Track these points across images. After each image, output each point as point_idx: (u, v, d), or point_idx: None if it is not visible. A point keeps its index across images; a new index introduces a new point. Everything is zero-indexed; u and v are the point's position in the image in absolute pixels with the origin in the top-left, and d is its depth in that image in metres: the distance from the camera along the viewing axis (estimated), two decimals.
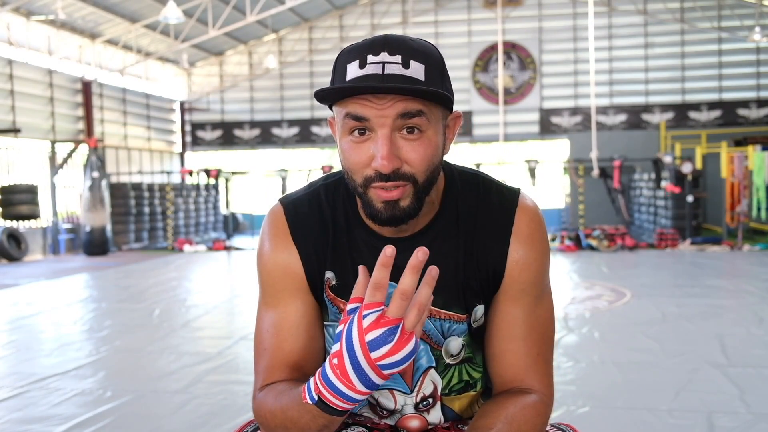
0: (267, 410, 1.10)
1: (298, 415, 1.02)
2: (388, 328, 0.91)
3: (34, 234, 13.37)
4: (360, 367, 0.92)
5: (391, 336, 0.90)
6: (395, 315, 0.91)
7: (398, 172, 1.05)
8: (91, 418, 3.44)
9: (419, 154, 1.06)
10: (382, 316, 0.91)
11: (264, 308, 1.22)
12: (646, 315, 5.85)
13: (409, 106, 1.03)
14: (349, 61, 1.05)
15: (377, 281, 0.92)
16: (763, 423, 3.16)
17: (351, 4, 19.23)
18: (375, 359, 0.91)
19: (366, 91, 1.02)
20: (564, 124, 18.88)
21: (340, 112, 1.08)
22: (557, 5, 18.71)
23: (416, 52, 1.05)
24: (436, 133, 1.08)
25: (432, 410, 1.23)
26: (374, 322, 0.91)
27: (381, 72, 1.02)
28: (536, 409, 1.12)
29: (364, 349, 0.91)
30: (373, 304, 0.92)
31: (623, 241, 12.08)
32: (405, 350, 0.91)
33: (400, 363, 0.92)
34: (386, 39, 1.06)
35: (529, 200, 1.21)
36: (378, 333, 0.91)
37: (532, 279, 1.18)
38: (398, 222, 1.09)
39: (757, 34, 16.70)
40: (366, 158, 1.06)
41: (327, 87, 1.04)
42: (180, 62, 18.92)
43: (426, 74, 1.04)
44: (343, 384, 0.94)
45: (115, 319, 6.28)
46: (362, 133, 1.06)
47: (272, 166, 18.06)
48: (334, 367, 0.95)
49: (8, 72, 13.50)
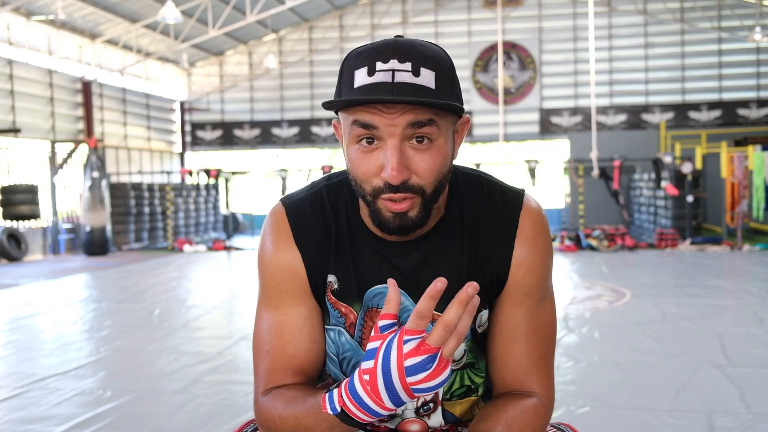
0: (276, 416, 1.09)
1: (314, 424, 1.01)
2: (428, 356, 0.91)
3: (34, 234, 13.37)
4: (393, 388, 0.92)
5: (429, 364, 0.91)
6: (436, 344, 0.91)
7: (407, 184, 1.04)
8: (91, 418, 3.44)
9: (428, 165, 1.05)
10: (423, 343, 0.92)
11: (265, 309, 1.20)
12: (646, 315, 5.85)
13: (420, 115, 1.02)
14: (357, 66, 1.03)
15: (422, 311, 0.92)
16: (763, 423, 3.16)
17: (351, 4, 19.22)
18: (410, 383, 0.92)
19: (375, 103, 1.01)
20: (564, 124, 18.87)
21: (346, 119, 1.06)
22: (557, 5, 18.71)
23: (426, 58, 1.03)
24: (446, 142, 1.07)
25: (433, 415, 1.23)
26: (415, 348, 0.91)
27: (391, 80, 1.00)
28: (536, 412, 1.12)
29: (401, 373, 0.91)
30: (415, 331, 0.92)
31: (623, 241, 12.08)
32: (441, 377, 0.92)
33: (433, 388, 0.93)
34: (396, 44, 1.03)
35: (534, 202, 1.21)
36: (418, 360, 0.91)
37: (536, 282, 1.18)
38: (406, 232, 1.09)
39: (757, 34, 16.70)
40: (374, 168, 1.05)
41: (335, 99, 1.03)
42: (180, 62, 18.92)
43: (437, 82, 1.02)
44: (372, 401, 0.94)
45: (115, 319, 6.28)
46: (370, 142, 1.04)
47: (272, 166, 18.06)
48: (365, 384, 0.94)
49: (8, 72, 13.49)
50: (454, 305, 0.91)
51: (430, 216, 1.10)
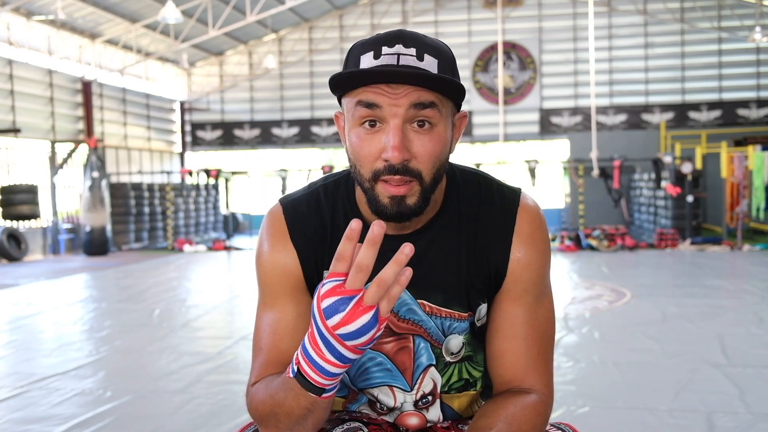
0: (258, 400, 1.09)
1: (284, 395, 1.01)
2: (340, 297, 0.89)
3: (34, 234, 13.37)
4: (323, 335, 0.91)
5: (343, 305, 0.88)
6: (351, 286, 0.89)
7: (407, 167, 1.05)
8: (91, 418, 3.44)
9: (428, 149, 1.06)
10: (340, 285, 0.89)
11: (262, 308, 1.22)
12: (646, 315, 5.85)
13: (423, 96, 1.04)
14: (363, 52, 1.06)
15: (339, 253, 0.90)
16: (763, 423, 3.16)
17: (351, 4, 19.23)
18: (332, 327, 0.89)
19: (381, 79, 1.03)
20: (564, 124, 18.88)
21: (350, 102, 1.08)
22: (557, 5, 18.71)
23: (429, 47, 1.07)
24: (446, 129, 1.09)
25: (431, 408, 1.24)
26: (330, 290, 0.89)
27: (396, 62, 1.04)
28: (536, 409, 1.13)
29: (321, 316, 0.90)
30: (333, 273, 0.90)
31: (623, 241, 12.08)
32: (360, 321, 0.88)
33: (357, 334, 0.89)
34: (401, 33, 1.07)
35: (531, 200, 1.22)
36: (330, 301, 0.89)
37: (534, 279, 1.18)
38: (404, 218, 1.09)
39: (757, 34, 16.70)
40: (376, 151, 1.06)
41: (343, 71, 1.04)
42: (180, 62, 18.92)
43: (439, 68, 1.06)
44: (316, 352, 0.93)
45: (115, 319, 6.29)
46: (373, 124, 1.06)
47: (272, 166, 18.06)
48: (309, 335, 0.94)
49: (8, 72, 13.49)
50: (389, 265, 0.88)
51: (428, 205, 1.11)
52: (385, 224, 0.89)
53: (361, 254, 0.89)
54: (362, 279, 0.89)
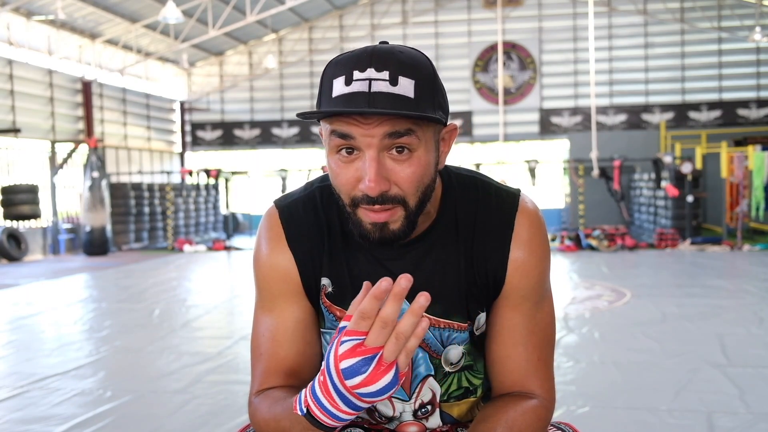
0: (261, 418, 1.09)
1: (290, 426, 0.99)
2: (362, 357, 0.87)
3: (34, 234, 13.37)
4: (341, 392, 0.90)
5: (365, 366, 0.87)
6: (373, 344, 0.87)
7: (386, 195, 1.02)
8: (91, 418, 3.44)
9: (408, 175, 1.02)
10: (360, 345, 0.87)
11: (260, 312, 1.20)
12: (646, 315, 5.85)
13: (397, 125, 0.99)
14: (335, 75, 1.01)
15: (365, 311, 0.87)
16: (763, 423, 3.16)
17: (351, 4, 19.22)
18: (351, 387, 0.88)
19: (350, 114, 0.99)
20: (564, 124, 18.88)
21: (326, 128, 1.04)
22: (557, 5, 18.71)
23: (404, 66, 1.00)
24: (427, 152, 1.04)
25: (431, 417, 1.22)
26: (350, 350, 0.88)
27: (367, 90, 0.98)
28: (537, 414, 1.12)
29: (339, 377, 0.89)
30: (354, 331, 0.88)
31: (623, 241, 12.08)
32: (382, 381, 0.87)
33: (378, 393, 0.88)
34: (374, 52, 1.01)
35: (529, 202, 1.19)
36: (352, 362, 0.87)
37: (533, 284, 1.16)
38: (388, 243, 1.06)
39: (757, 34, 16.70)
40: (353, 179, 1.02)
41: (309, 111, 1.01)
42: (180, 62, 18.92)
43: (416, 90, 0.99)
44: (329, 402, 0.92)
45: (115, 319, 6.29)
46: (350, 152, 1.02)
47: (272, 166, 18.06)
48: (321, 384, 0.93)
49: (8, 72, 13.49)
50: (388, 302, 0.86)
51: (414, 228, 1.07)
52: (412, 278, 0.87)
53: (386, 309, 0.86)
54: (386, 335, 0.87)
